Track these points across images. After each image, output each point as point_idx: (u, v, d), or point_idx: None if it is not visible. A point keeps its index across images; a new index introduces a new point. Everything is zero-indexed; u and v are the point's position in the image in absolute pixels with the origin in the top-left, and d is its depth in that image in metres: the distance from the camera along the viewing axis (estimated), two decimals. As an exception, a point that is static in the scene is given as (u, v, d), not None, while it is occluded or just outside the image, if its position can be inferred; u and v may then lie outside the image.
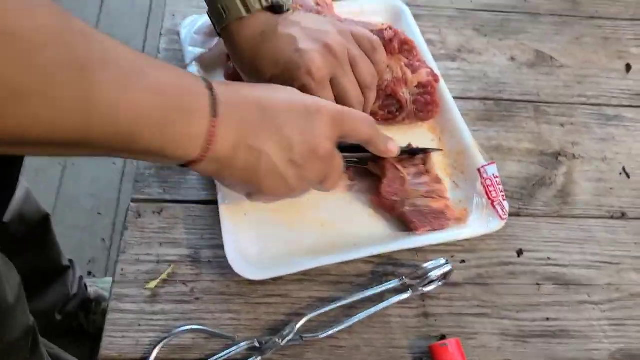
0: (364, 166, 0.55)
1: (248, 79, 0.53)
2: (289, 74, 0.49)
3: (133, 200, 0.53)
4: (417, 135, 0.60)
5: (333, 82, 0.51)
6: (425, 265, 0.49)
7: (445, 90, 0.61)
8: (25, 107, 0.29)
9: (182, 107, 0.37)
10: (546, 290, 0.53)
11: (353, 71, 0.52)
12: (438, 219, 0.52)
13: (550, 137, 0.63)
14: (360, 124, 0.47)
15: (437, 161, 0.57)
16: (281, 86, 0.46)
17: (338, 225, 0.53)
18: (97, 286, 1.06)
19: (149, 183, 0.54)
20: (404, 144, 0.55)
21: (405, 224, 0.53)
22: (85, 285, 1.01)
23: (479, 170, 0.55)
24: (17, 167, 0.65)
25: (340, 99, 0.51)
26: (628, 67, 0.70)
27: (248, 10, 0.50)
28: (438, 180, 0.55)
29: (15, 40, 0.28)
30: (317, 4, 0.61)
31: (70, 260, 0.98)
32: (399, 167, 0.54)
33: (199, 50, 0.60)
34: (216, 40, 0.61)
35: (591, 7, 0.76)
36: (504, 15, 0.74)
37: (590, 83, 0.68)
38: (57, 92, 0.30)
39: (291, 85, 0.48)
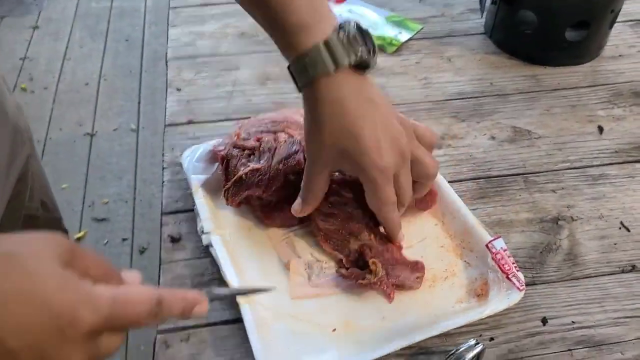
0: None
1: (309, 142, 0.54)
2: (359, 163, 0.51)
3: (159, 332, 0.53)
4: (419, 221, 0.62)
5: (394, 179, 0.53)
6: (457, 350, 0.49)
7: (439, 177, 0.64)
8: None
9: None
10: (579, 355, 0.53)
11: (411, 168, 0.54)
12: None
13: (546, 204, 0.66)
14: (134, 318, 0.36)
15: (446, 244, 0.59)
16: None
17: (360, 324, 0.54)
18: None
19: (172, 312, 0.55)
20: (411, 232, 0.58)
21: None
22: None
23: (487, 246, 0.57)
24: None
25: (398, 191, 0.54)
26: (600, 129, 0.75)
27: (336, 64, 0.49)
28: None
29: None
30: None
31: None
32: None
33: (202, 177, 0.64)
34: (216, 165, 0.65)
35: (552, 81, 0.82)
36: (475, 100, 0.79)
37: (570, 148, 0.72)
38: None
39: (358, 172, 0.51)
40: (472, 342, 0.50)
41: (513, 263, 0.55)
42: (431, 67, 0.84)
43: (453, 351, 0.50)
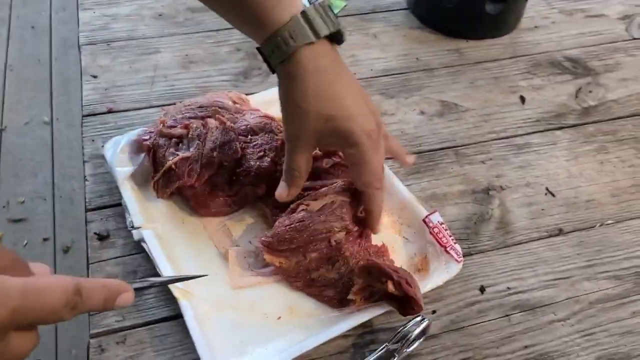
0: None
1: (291, 115, 0.51)
2: (347, 124, 0.50)
3: (92, 336, 0.50)
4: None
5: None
6: (404, 327, 0.50)
7: (372, 154, 0.64)
8: None
9: None
10: (516, 320, 0.55)
11: None
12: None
13: (476, 176, 0.67)
14: (48, 309, 0.32)
15: (384, 220, 0.59)
16: None
17: (305, 309, 0.53)
18: None
19: (105, 313, 0.52)
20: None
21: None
22: None
23: (424, 220, 0.57)
24: None
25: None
26: (522, 99, 0.78)
27: (317, 34, 0.48)
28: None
29: None
30: (235, 102, 0.64)
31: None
32: None
33: (128, 169, 0.60)
34: (142, 156, 0.61)
35: (475, 54, 0.84)
36: (403, 76, 0.80)
37: (495, 120, 0.74)
38: None
39: (345, 140, 0.50)
40: (418, 318, 0.50)
41: (450, 236, 0.56)
42: (357, 44, 0.84)
43: (400, 328, 0.50)
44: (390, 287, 0.49)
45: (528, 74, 0.81)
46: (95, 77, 0.75)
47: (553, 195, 0.66)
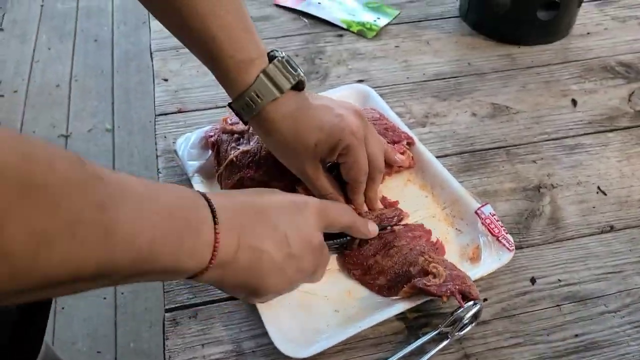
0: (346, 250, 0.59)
1: (287, 158, 0.57)
2: (334, 136, 0.54)
3: (167, 310, 0.55)
4: (410, 194, 0.65)
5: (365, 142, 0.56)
6: (455, 310, 0.52)
7: (425, 151, 0.67)
8: (53, 250, 0.31)
9: (189, 222, 0.40)
10: (567, 310, 0.56)
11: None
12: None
13: (528, 174, 0.69)
14: (342, 212, 0.54)
15: (437, 213, 0.62)
16: (267, 189, 0.51)
17: (361, 294, 0.56)
18: None
19: (179, 291, 0.56)
20: (403, 205, 0.60)
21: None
22: None
23: (476, 212, 0.60)
24: (42, 327, 0.66)
25: (370, 157, 0.57)
26: (574, 102, 0.79)
27: (280, 90, 0.53)
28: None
29: (41, 193, 0.30)
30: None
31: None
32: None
33: (198, 163, 0.65)
34: (209, 151, 0.66)
35: (526, 59, 0.86)
36: (454, 80, 0.82)
37: (547, 121, 0.76)
38: (82, 233, 0.32)
39: (336, 146, 0.54)
40: (470, 302, 0.53)
41: (502, 226, 0.58)
42: (410, 50, 0.87)
43: (452, 312, 0.53)
44: (445, 299, 0.52)
45: (580, 78, 0.83)
46: (166, 80, 0.81)
47: (605, 193, 0.67)
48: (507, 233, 0.58)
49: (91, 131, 2.00)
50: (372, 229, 0.57)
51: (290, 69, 0.53)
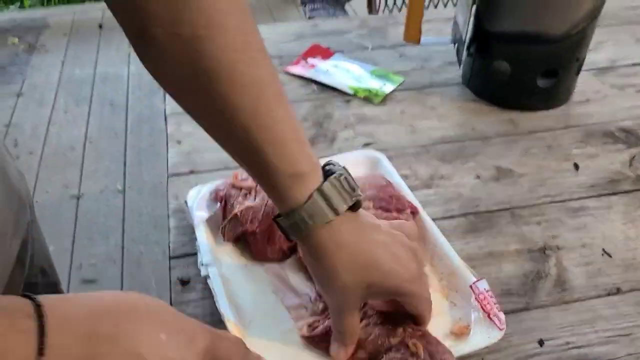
0: None
1: (328, 289, 0.51)
2: (391, 282, 0.49)
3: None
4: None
5: None
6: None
7: (427, 219, 0.67)
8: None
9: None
10: (576, 373, 0.56)
11: None
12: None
13: (532, 236, 0.70)
14: (233, 352, 0.41)
15: (434, 284, 0.62)
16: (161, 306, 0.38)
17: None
18: None
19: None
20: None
21: None
22: None
23: (471, 287, 0.59)
24: None
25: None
26: (576, 166, 0.81)
27: (336, 212, 0.47)
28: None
29: None
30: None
31: None
32: None
33: (205, 215, 0.67)
34: (218, 204, 0.68)
35: (528, 124, 0.89)
36: (459, 143, 0.85)
37: (550, 185, 0.78)
38: None
39: (389, 293, 0.50)
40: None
41: (495, 303, 0.57)
42: (415, 115, 0.90)
43: (458, 375, 0.52)
44: None
45: (581, 143, 0.85)
46: (179, 142, 0.84)
47: (610, 256, 0.68)
48: (499, 311, 0.57)
49: (102, 192, 2.04)
50: None
51: (349, 188, 0.48)
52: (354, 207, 0.49)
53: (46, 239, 0.86)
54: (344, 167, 0.50)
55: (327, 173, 0.49)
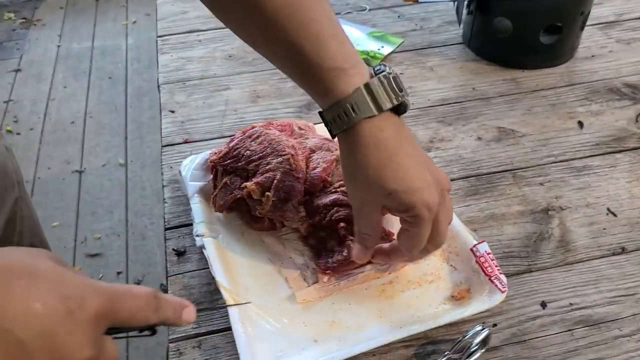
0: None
1: (355, 184, 0.51)
2: (409, 200, 0.48)
3: (171, 341, 0.54)
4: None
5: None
6: (464, 337, 0.51)
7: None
8: None
9: None
10: (580, 334, 0.55)
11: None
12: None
13: (535, 197, 0.68)
14: (136, 310, 0.37)
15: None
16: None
17: (340, 325, 0.55)
18: None
19: (183, 321, 0.56)
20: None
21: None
22: None
23: (471, 250, 0.58)
24: None
25: (434, 231, 0.51)
26: (580, 124, 0.79)
27: (380, 109, 0.48)
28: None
29: None
30: (300, 128, 0.68)
31: None
32: None
33: (199, 184, 0.66)
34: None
35: (531, 83, 0.86)
36: (459, 104, 0.82)
37: (553, 144, 0.76)
38: None
39: (405, 210, 0.48)
40: (478, 327, 0.52)
41: (496, 266, 0.56)
42: (415, 77, 0.88)
43: (460, 338, 0.51)
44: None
45: (585, 100, 0.82)
46: (172, 112, 0.82)
47: (615, 215, 0.66)
48: (500, 273, 0.56)
49: (105, 166, 2.03)
50: (187, 317, 0.42)
51: (396, 88, 0.49)
52: (399, 108, 0.50)
53: (50, 215, 0.86)
54: (393, 70, 0.51)
55: (377, 72, 0.50)
